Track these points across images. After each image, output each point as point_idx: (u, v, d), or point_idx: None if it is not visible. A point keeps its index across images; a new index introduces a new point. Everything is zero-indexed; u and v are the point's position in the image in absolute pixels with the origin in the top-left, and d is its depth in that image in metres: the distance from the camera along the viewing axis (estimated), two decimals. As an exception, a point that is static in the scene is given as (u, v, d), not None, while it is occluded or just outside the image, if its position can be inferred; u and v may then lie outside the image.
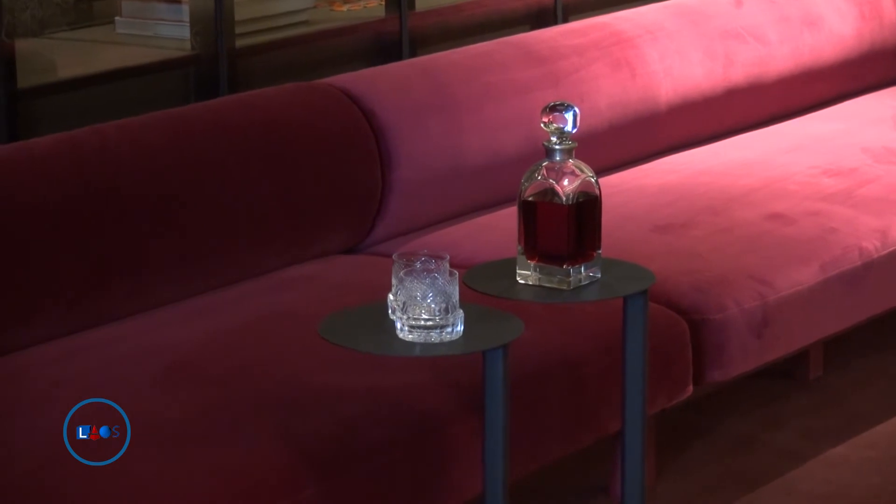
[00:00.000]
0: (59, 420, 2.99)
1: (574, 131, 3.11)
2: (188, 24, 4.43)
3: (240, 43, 4.44)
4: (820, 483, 3.81)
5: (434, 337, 2.88)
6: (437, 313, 2.88)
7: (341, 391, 3.15)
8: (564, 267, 3.10)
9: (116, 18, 4.65)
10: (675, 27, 4.83)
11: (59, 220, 3.47)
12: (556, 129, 3.10)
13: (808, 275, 3.91)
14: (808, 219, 4.13)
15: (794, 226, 4.09)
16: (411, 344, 2.89)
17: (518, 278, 3.13)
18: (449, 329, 2.89)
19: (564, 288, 3.11)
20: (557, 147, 3.11)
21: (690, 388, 3.69)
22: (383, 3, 4.86)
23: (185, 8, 4.48)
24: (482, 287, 3.12)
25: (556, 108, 3.11)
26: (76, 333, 3.44)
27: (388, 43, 4.74)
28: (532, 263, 3.12)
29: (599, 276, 3.14)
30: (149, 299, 3.59)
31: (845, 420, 4.10)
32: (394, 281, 2.91)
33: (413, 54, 4.72)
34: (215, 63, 4.35)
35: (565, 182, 3.10)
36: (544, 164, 3.11)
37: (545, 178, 3.11)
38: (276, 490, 2.93)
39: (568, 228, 3.10)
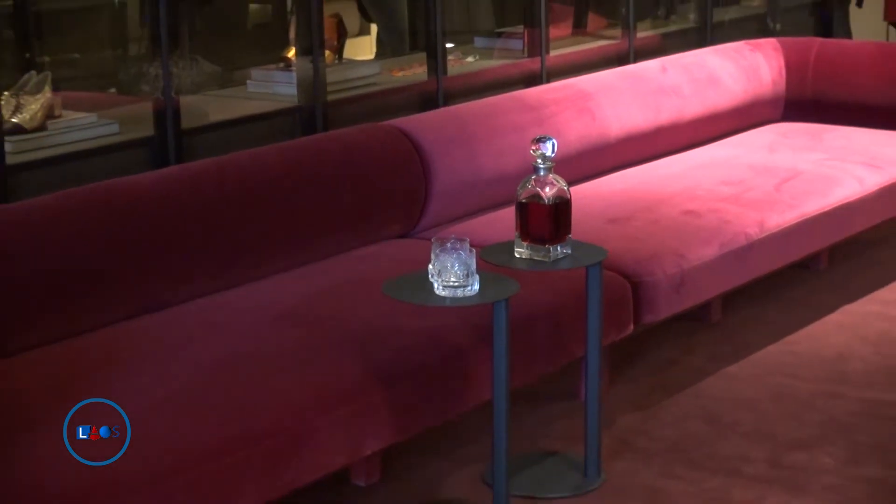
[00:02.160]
0: (215, 347, 3.03)
1: (553, 156, 3.11)
2: (296, 85, 4.43)
3: (330, 97, 4.44)
4: (720, 390, 3.78)
5: (459, 293, 2.89)
6: (461, 277, 2.88)
7: (396, 330, 3.14)
8: (546, 246, 3.09)
9: (248, 81, 4.65)
10: (622, 86, 4.79)
11: (207, 214, 3.46)
12: (541, 154, 3.10)
13: (711, 251, 3.88)
14: (710, 214, 4.09)
15: (701, 219, 4.05)
16: (443, 298, 2.89)
17: (515, 253, 3.12)
18: (469, 288, 2.89)
19: (546, 260, 3.10)
20: (542, 166, 3.10)
21: (631, 327, 3.67)
22: (426, 70, 4.84)
23: (294, 74, 4.48)
24: (492, 259, 3.12)
25: (541, 140, 3.11)
26: (217, 293, 3.43)
27: (429, 97, 4.73)
28: (525, 244, 3.11)
29: (570, 252, 3.13)
30: (267, 269, 3.57)
31: (737, 348, 4.07)
32: (432, 256, 2.90)
33: (446, 104, 4.70)
34: (313, 111, 4.35)
35: (547, 189, 3.09)
36: (533, 177, 3.11)
37: (534, 187, 3.10)
38: (351, 397, 2.92)
39: (549, 220, 3.09)
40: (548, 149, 3.09)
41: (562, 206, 3.10)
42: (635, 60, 5.43)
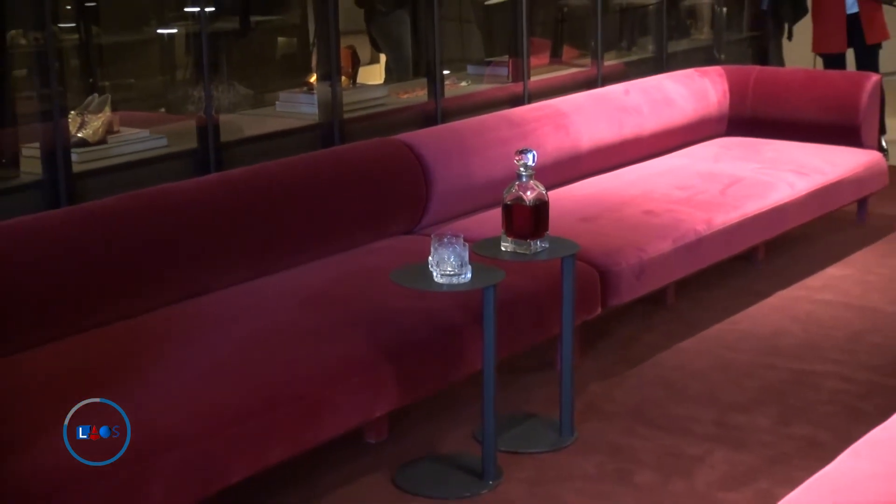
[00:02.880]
0: (249, 326, 2.99)
1: (533, 165, 3.10)
2: (317, 105, 4.43)
3: (346, 116, 4.43)
4: (674, 361, 3.78)
5: (455, 280, 2.88)
6: (456, 267, 2.88)
7: (403, 310, 3.14)
8: (528, 241, 3.08)
9: (276, 102, 4.65)
10: (591, 106, 4.79)
11: (242, 214, 3.45)
12: (523, 163, 3.09)
13: (666, 245, 3.88)
14: (666, 213, 4.10)
15: (658, 217, 4.06)
16: (441, 284, 2.88)
17: (502, 247, 3.12)
18: (463, 276, 2.88)
19: (528, 253, 3.09)
20: (524, 173, 3.09)
21: (599, 309, 3.67)
22: (426, 93, 4.84)
23: (315, 96, 4.47)
24: (482, 252, 3.10)
25: (523, 151, 3.10)
26: (251, 280, 3.42)
27: (429, 115, 4.73)
28: (510, 239, 3.10)
29: (548, 246, 3.12)
30: (293, 260, 3.56)
31: (688, 327, 4.06)
32: (432, 249, 2.89)
33: (444, 121, 4.70)
34: (332, 127, 4.34)
35: (528, 193, 3.08)
36: (517, 183, 3.10)
37: (517, 191, 3.09)
38: (363, 367, 2.93)
39: (530, 219, 3.08)
40: (529, 159, 3.09)
41: (541, 207, 3.09)
42: (603, 84, 5.43)
